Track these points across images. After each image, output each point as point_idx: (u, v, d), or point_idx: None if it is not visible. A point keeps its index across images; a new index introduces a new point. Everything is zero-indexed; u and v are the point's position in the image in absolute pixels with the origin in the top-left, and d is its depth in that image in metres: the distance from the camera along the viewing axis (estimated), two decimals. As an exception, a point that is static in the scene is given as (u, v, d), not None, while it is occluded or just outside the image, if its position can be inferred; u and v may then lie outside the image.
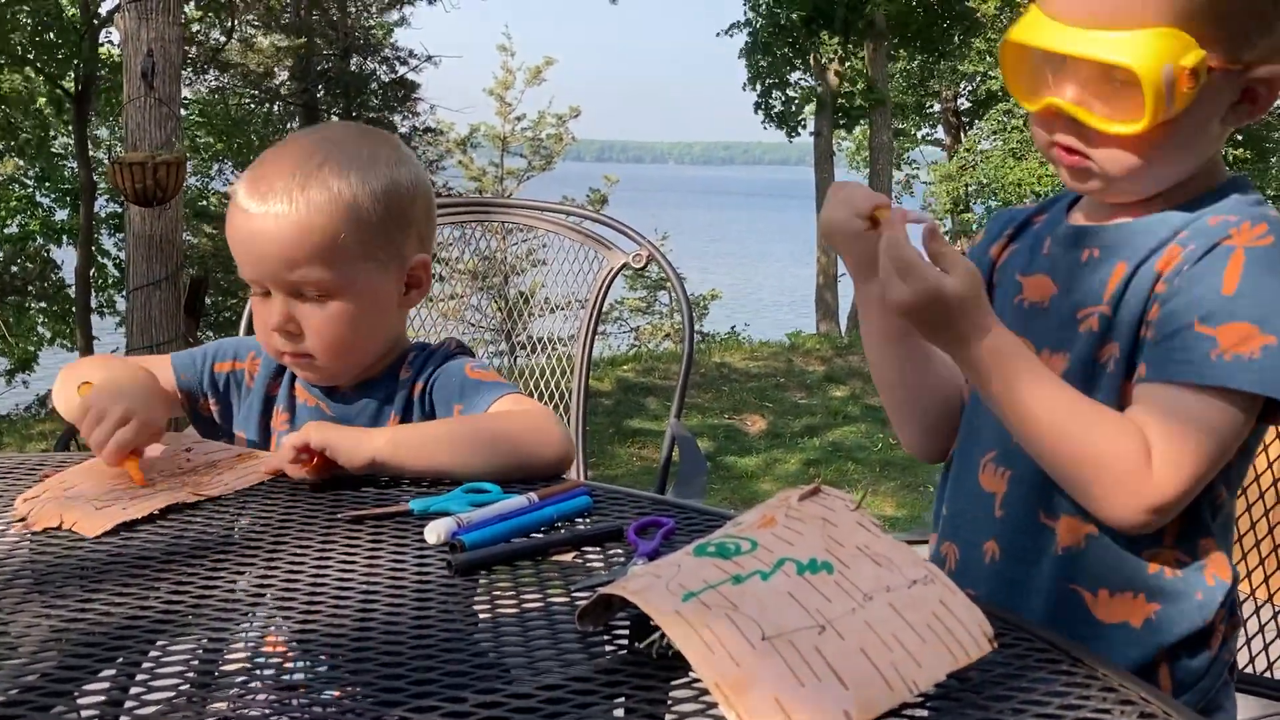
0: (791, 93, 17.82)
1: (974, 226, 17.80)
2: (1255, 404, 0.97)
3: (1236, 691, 1.48)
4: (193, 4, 13.10)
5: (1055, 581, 1.08)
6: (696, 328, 14.76)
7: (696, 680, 0.71)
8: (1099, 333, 1.05)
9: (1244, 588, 1.55)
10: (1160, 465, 0.96)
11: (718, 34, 17.75)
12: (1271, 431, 1.48)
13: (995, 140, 17.25)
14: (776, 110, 17.71)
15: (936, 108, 21.90)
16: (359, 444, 1.16)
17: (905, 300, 1.00)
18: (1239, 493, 1.13)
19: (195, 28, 13.90)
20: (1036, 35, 1.03)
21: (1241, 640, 1.51)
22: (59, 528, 1.02)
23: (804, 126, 17.85)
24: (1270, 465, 1.53)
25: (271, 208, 1.23)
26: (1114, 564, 1.05)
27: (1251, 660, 1.51)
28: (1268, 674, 1.50)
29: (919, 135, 22.85)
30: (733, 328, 14.42)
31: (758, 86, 17.61)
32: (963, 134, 19.85)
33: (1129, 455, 0.96)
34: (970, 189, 17.85)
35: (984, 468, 1.14)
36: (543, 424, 1.22)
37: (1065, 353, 1.08)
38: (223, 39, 14.67)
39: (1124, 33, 0.97)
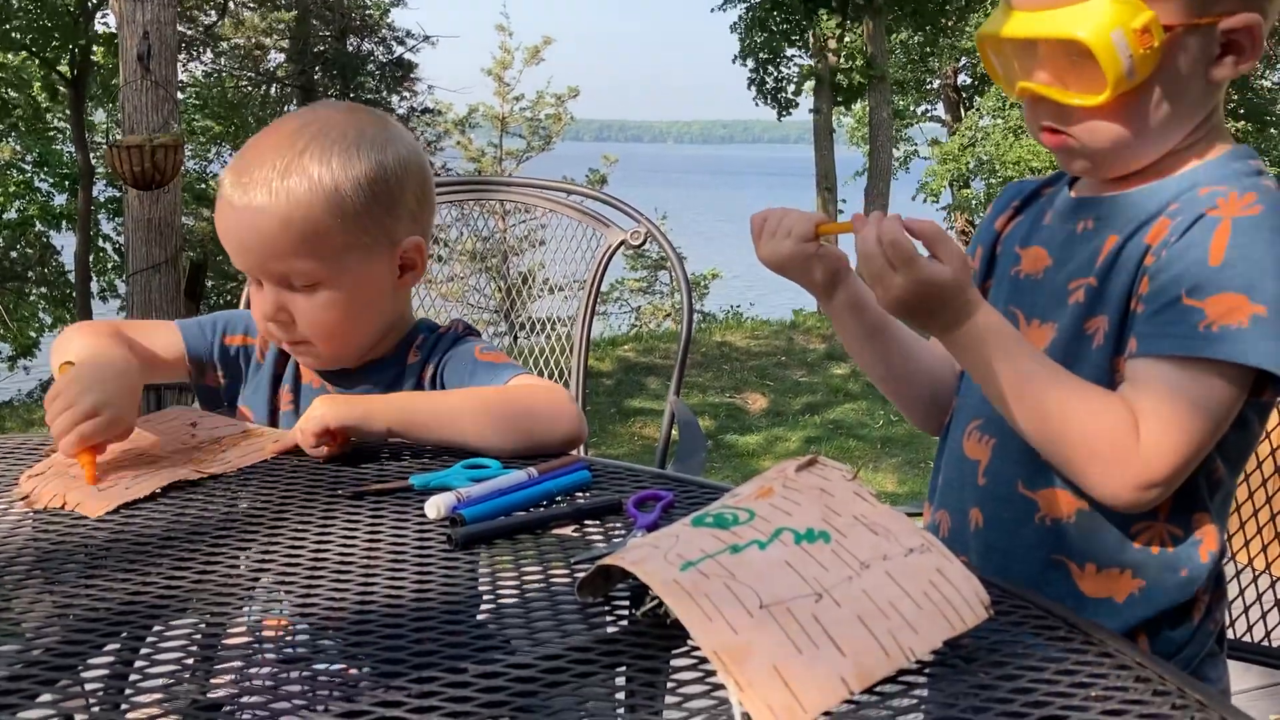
0: (785, 70, 17.72)
1: (973, 203, 17.77)
2: (1247, 376, 0.96)
3: (1237, 660, 1.49)
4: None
5: (1041, 552, 1.08)
6: (697, 307, 14.76)
7: (696, 649, 0.71)
8: (1085, 304, 1.05)
9: (1242, 557, 1.55)
10: (1149, 442, 0.96)
11: (712, 10, 17.67)
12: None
13: (996, 117, 17.19)
14: (769, 87, 17.63)
15: (936, 84, 21.81)
16: (372, 416, 1.16)
17: (901, 290, 0.99)
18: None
19: (190, 5, 13.83)
20: (1001, 25, 1.05)
21: (1240, 609, 1.52)
22: (62, 508, 1.03)
23: (794, 106, 17.77)
24: (1269, 435, 1.53)
25: (253, 199, 1.21)
26: (1105, 539, 1.06)
27: (1250, 629, 1.52)
28: (1265, 642, 1.50)
29: (919, 112, 22.76)
30: (738, 308, 14.41)
31: (749, 62, 17.53)
32: (963, 111, 19.78)
33: (1115, 432, 0.96)
34: (970, 166, 17.80)
35: (969, 434, 1.15)
36: (556, 400, 1.22)
37: (1053, 323, 1.08)
38: (216, 17, 14.60)
39: (1072, 7, 0.98)
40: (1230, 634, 1.52)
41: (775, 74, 17.62)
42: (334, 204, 1.22)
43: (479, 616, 0.83)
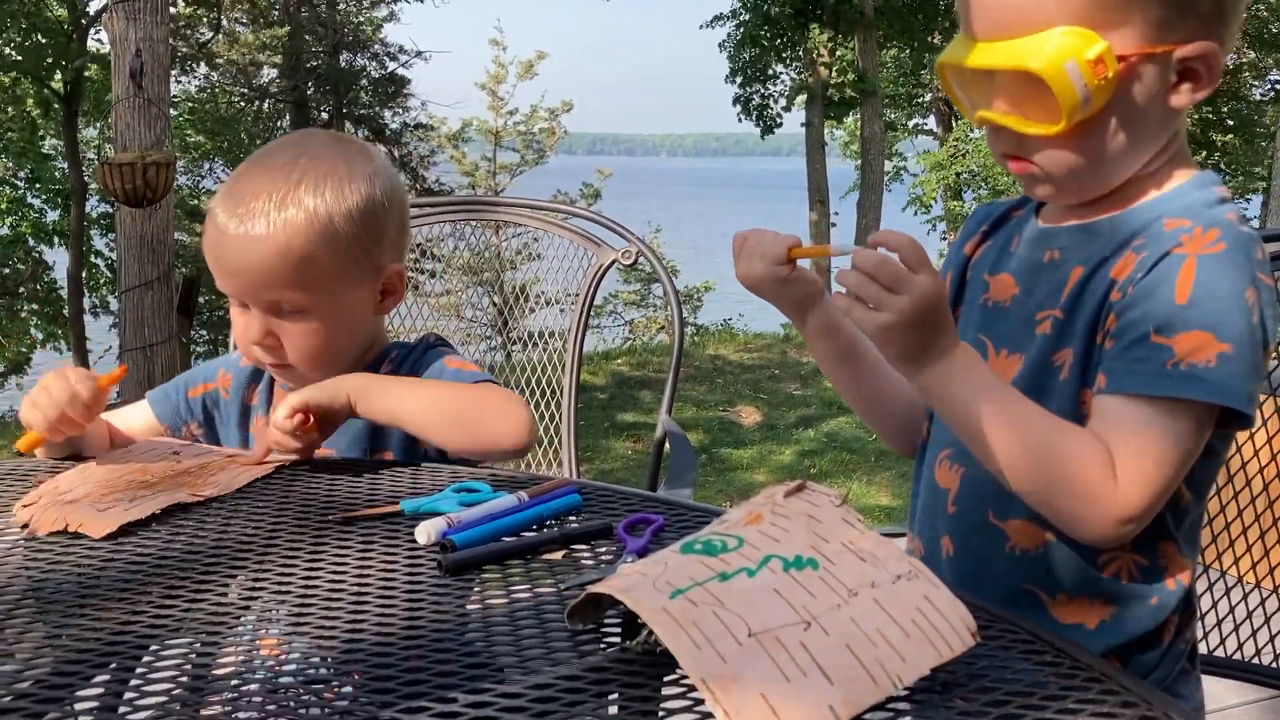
0: (771, 87, 17.77)
1: (967, 212, 17.84)
2: (1214, 411, 0.97)
3: (1230, 679, 1.50)
4: (180, 2, 13.07)
5: (1012, 580, 1.09)
6: (691, 319, 14.78)
7: (685, 677, 0.71)
8: (1053, 336, 1.06)
9: (1233, 572, 1.56)
10: (1125, 478, 0.96)
11: (701, 26, 17.74)
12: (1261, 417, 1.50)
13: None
14: (754, 105, 17.68)
15: (928, 97, 21.89)
16: (336, 390, 1.22)
17: (908, 308, 0.96)
18: (1214, 491, 1.13)
19: (181, 24, 13.85)
20: (958, 55, 1.05)
21: (1229, 626, 1.52)
22: (64, 530, 1.03)
23: (779, 125, 17.82)
24: (1257, 452, 1.54)
25: (249, 229, 1.24)
26: (1073, 570, 1.06)
27: (1240, 646, 1.52)
28: (1255, 659, 1.51)
29: (910, 125, 22.85)
30: (730, 321, 14.44)
31: (738, 79, 17.59)
32: (954, 123, 19.86)
33: (1094, 470, 0.96)
34: (961, 177, 17.87)
35: (940, 463, 1.15)
36: (510, 406, 1.23)
37: (1021, 354, 1.08)
38: (209, 34, 14.63)
39: (1026, 38, 0.99)
40: (1222, 651, 1.52)
41: (761, 91, 17.67)
42: (328, 235, 1.26)
43: (469, 644, 0.83)
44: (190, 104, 15.38)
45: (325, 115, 15.49)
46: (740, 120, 17.87)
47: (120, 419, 1.40)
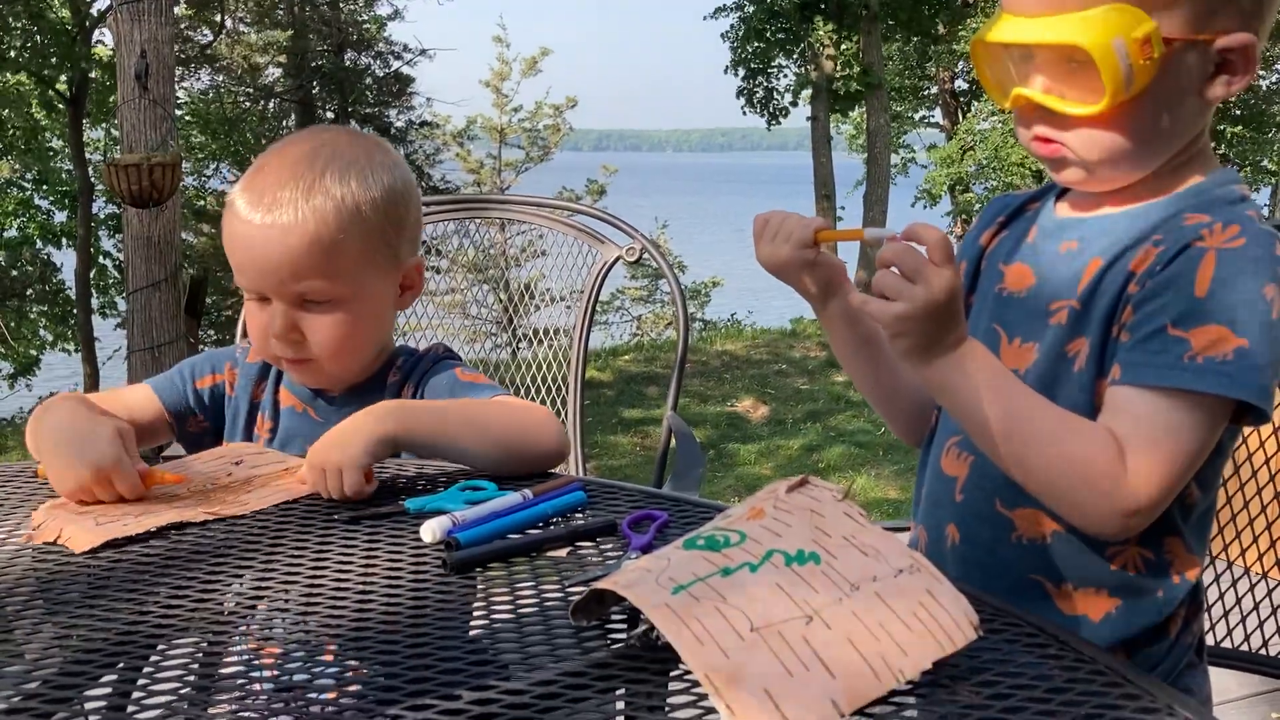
0: (774, 81, 17.73)
1: (976, 207, 17.78)
2: (1228, 405, 0.96)
3: (1236, 670, 1.50)
4: (183, 4, 13.10)
5: (1017, 570, 1.09)
6: (699, 315, 14.77)
7: (689, 673, 0.72)
8: (1068, 326, 1.05)
9: (1240, 563, 1.56)
10: (1135, 470, 0.95)
11: (704, 17, 17.72)
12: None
13: (994, 120, 17.20)
14: (759, 97, 17.64)
15: (934, 90, 21.83)
16: (383, 440, 1.12)
17: (926, 298, 0.95)
18: (1221, 484, 1.12)
19: (184, 25, 13.86)
20: (997, 31, 1.04)
21: (1237, 618, 1.52)
22: (55, 541, 1.02)
23: (785, 115, 17.79)
24: (1263, 443, 1.53)
25: (277, 218, 1.23)
26: (1078, 560, 1.06)
27: (1247, 638, 1.52)
28: (1262, 650, 1.51)
29: (916, 118, 22.79)
30: (737, 316, 14.42)
31: (740, 71, 17.55)
32: (961, 115, 19.80)
33: (1103, 460, 0.96)
34: (970, 170, 17.83)
35: (947, 451, 1.15)
36: (541, 416, 1.24)
37: (1035, 343, 1.08)
38: (211, 35, 14.64)
39: (1074, 14, 0.98)
40: (1229, 641, 1.52)
41: (765, 84, 17.63)
42: (356, 222, 1.25)
43: (474, 641, 0.84)
44: (194, 105, 15.40)
45: (330, 114, 15.50)
46: (745, 113, 17.83)
47: (116, 401, 1.34)
